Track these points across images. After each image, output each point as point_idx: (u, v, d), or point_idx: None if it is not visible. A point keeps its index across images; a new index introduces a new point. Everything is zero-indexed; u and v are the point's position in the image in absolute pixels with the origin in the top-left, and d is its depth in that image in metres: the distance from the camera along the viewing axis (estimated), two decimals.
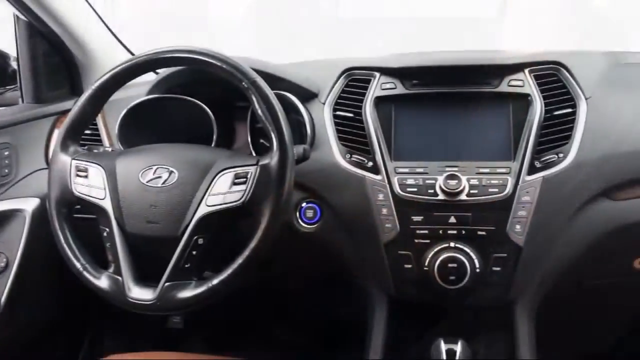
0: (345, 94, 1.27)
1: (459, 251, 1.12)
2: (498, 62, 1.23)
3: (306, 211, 1.25)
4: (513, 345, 1.18)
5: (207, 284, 1.01)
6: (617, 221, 1.17)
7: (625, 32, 1.78)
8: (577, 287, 1.34)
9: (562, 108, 1.19)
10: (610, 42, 1.68)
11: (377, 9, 2.01)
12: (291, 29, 2.05)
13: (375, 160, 1.19)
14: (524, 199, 1.12)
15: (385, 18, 2.01)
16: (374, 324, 1.22)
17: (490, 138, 1.20)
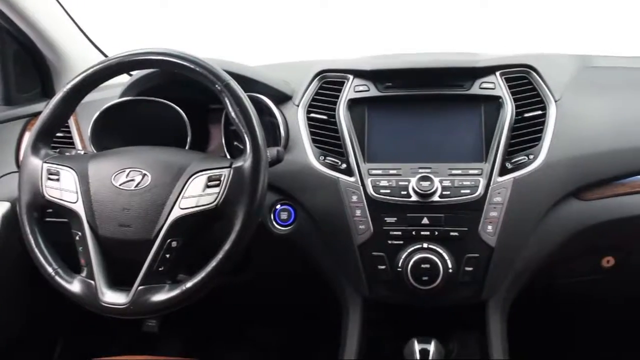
0: (319, 96, 1.28)
1: (431, 252, 1.13)
2: (470, 65, 1.24)
3: (280, 213, 1.25)
4: (486, 344, 1.19)
5: (181, 287, 1.00)
6: (586, 221, 1.19)
7: (595, 36, 1.83)
8: (548, 286, 1.37)
9: (532, 110, 1.20)
10: (581, 45, 1.71)
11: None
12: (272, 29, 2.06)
13: (349, 162, 1.19)
14: (496, 200, 1.14)
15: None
16: (349, 324, 1.23)
17: (462, 140, 1.21)
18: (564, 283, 1.37)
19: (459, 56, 1.32)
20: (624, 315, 1.61)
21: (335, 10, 2.03)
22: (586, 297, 1.48)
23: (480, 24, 1.92)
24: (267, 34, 2.02)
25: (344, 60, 1.33)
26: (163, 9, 2.14)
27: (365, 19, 2.00)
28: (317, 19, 2.03)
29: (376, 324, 1.26)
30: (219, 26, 2.09)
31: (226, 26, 2.07)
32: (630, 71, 1.35)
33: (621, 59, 1.41)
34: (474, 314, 1.21)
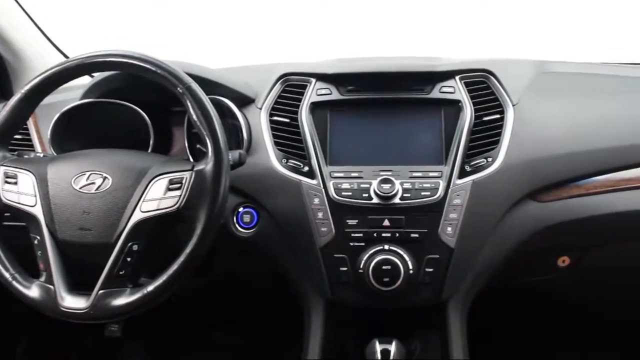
0: (282, 100, 1.28)
1: (392, 253, 1.14)
2: (430, 70, 1.26)
3: (243, 216, 1.25)
4: (446, 343, 1.21)
5: (142, 291, 1.00)
6: (542, 222, 1.22)
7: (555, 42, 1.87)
8: (507, 286, 1.39)
9: (491, 114, 1.23)
10: (538, 51, 1.75)
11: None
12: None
13: (311, 165, 1.20)
14: (455, 202, 1.16)
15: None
16: (311, 325, 1.24)
17: (423, 143, 1.23)
18: (521, 282, 1.40)
19: (420, 60, 1.34)
20: (579, 312, 1.65)
21: (299, 14, 2.04)
22: (543, 295, 1.51)
23: (443, 28, 1.95)
24: (232, 38, 2.02)
25: (307, 64, 1.34)
26: (131, 10, 2.12)
27: (329, 22, 2.01)
28: (283, 22, 2.03)
29: (339, 324, 1.27)
30: (184, 30, 2.08)
31: (191, 30, 2.06)
32: (585, 77, 1.39)
33: (577, 64, 1.45)
34: (435, 314, 1.23)
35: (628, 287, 1.46)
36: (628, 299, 1.53)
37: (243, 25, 2.05)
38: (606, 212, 1.22)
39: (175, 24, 2.09)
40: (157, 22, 2.08)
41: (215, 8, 2.09)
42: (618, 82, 1.37)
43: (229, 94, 1.29)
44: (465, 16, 1.98)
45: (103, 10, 2.10)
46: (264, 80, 1.32)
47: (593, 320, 1.69)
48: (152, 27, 2.06)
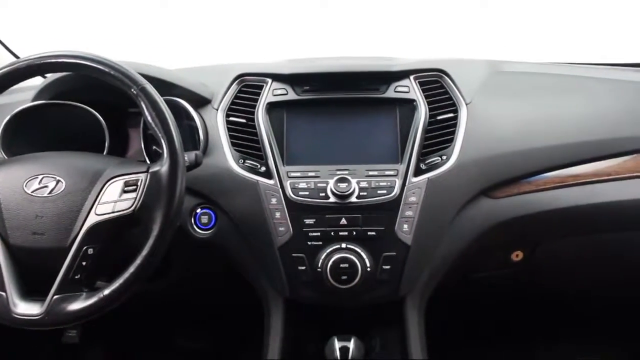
0: (238, 100, 1.28)
1: (350, 251, 1.15)
2: (385, 69, 1.28)
3: (201, 217, 1.25)
4: (405, 339, 1.23)
5: (99, 295, 0.98)
6: (496, 218, 1.25)
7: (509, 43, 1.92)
8: (463, 281, 1.42)
9: (445, 113, 1.25)
10: (492, 51, 1.78)
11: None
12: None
13: (268, 165, 1.21)
14: (411, 200, 1.17)
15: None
16: (272, 325, 1.24)
17: (378, 142, 1.24)
18: (477, 277, 1.43)
19: (375, 60, 1.35)
20: (533, 305, 1.70)
21: (255, 14, 2.04)
22: (499, 289, 1.55)
23: (399, 28, 1.97)
24: (189, 39, 2.00)
25: (263, 64, 1.34)
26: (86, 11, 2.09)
27: (285, 23, 2.02)
28: (240, 22, 2.03)
29: (299, 323, 1.28)
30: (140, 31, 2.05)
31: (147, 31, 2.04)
32: (537, 76, 1.42)
33: (529, 64, 1.48)
34: (393, 310, 1.24)
35: (579, 277, 1.50)
36: (580, 289, 1.58)
37: (199, 26, 2.04)
38: (555, 207, 1.25)
39: (132, 24, 2.07)
40: (112, 23, 2.06)
41: (170, 9, 2.07)
42: (568, 82, 1.41)
43: (185, 94, 1.28)
44: (421, 16, 2.00)
45: (55, 11, 2.06)
46: (220, 80, 1.32)
47: (549, 311, 1.74)
48: (107, 28, 2.03)
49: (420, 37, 1.92)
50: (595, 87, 1.39)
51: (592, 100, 1.35)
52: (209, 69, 1.41)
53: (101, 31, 2.04)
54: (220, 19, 2.04)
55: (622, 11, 1.94)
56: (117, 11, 2.06)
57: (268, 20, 2.03)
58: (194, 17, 2.08)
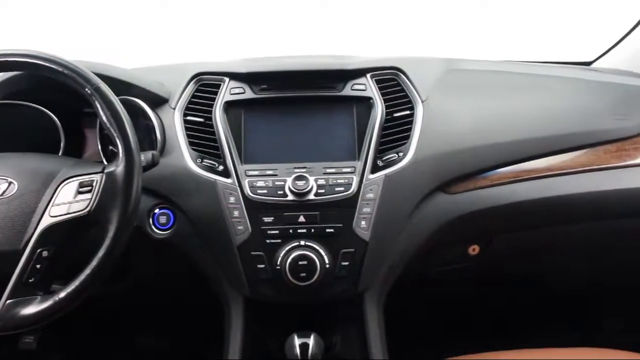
0: (196, 99, 1.28)
1: (309, 249, 1.16)
2: (341, 68, 1.29)
3: (159, 217, 1.24)
4: (364, 335, 1.24)
5: (54, 298, 0.97)
6: (452, 213, 1.27)
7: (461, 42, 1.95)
8: (422, 276, 1.44)
9: (401, 110, 1.26)
10: (449, 49, 1.81)
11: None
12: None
13: (226, 164, 1.20)
14: (368, 197, 1.18)
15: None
16: (232, 324, 1.24)
17: (336, 139, 1.25)
18: (436, 272, 1.45)
19: (332, 59, 1.36)
20: (490, 297, 1.73)
21: (213, 12, 2.03)
22: (457, 283, 1.58)
23: (357, 27, 1.99)
24: (145, 38, 1.99)
25: (220, 63, 1.34)
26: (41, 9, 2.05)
27: (242, 22, 2.02)
28: (197, 21, 2.02)
29: (260, 322, 1.28)
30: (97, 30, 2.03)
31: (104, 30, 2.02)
32: (492, 74, 1.45)
33: (484, 62, 1.50)
34: (353, 306, 1.25)
35: (533, 268, 1.54)
36: (534, 279, 1.62)
37: (155, 25, 2.02)
38: (509, 201, 1.28)
39: (89, 23, 2.04)
40: (69, 22, 2.02)
41: (127, 8, 2.05)
42: (522, 80, 1.44)
43: (142, 94, 1.27)
44: (378, 15, 2.02)
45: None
46: (177, 79, 1.31)
47: (506, 302, 1.78)
48: (63, 27, 2.00)
49: (379, 36, 1.94)
50: (548, 85, 1.42)
51: (545, 97, 1.39)
52: (166, 68, 1.40)
53: (54, 31, 2.00)
54: (178, 18, 2.03)
55: (575, 12, 2.00)
56: (71, 9, 2.03)
57: (227, 19, 2.02)
58: (152, 16, 2.06)
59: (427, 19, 2.01)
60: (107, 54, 1.73)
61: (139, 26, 2.03)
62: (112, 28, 2.04)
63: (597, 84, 1.45)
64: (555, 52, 1.78)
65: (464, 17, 2.01)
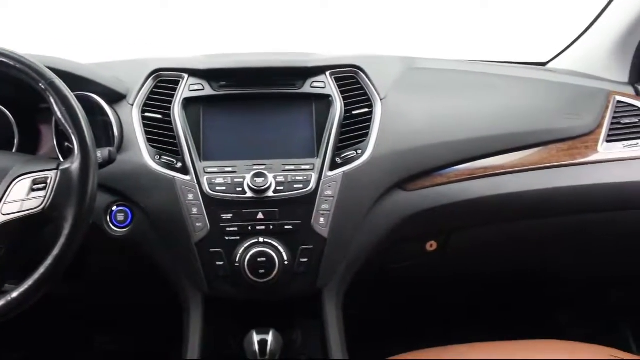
0: (154, 95, 1.27)
1: (267, 246, 1.16)
2: (301, 65, 1.29)
3: (117, 215, 1.23)
4: (324, 330, 1.25)
5: (6, 298, 0.95)
6: (410, 210, 1.29)
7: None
8: (381, 272, 1.46)
9: (360, 108, 1.28)
10: (407, 48, 1.84)
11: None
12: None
13: (185, 161, 1.20)
14: (327, 193, 1.19)
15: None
16: (191, 323, 1.23)
17: (295, 137, 1.26)
18: (394, 268, 1.47)
19: (291, 56, 1.37)
20: (446, 295, 1.77)
21: (173, 9, 2.01)
22: (415, 279, 1.60)
23: (318, 25, 2.00)
24: (103, 33, 1.96)
25: (179, 59, 1.33)
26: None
27: (202, 18, 2.01)
28: (156, 17, 2.00)
29: (219, 320, 1.28)
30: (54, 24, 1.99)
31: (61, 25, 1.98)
32: (449, 73, 1.47)
33: (442, 61, 1.52)
34: (313, 303, 1.26)
35: (489, 263, 1.57)
36: (490, 274, 1.65)
37: (113, 20, 2.00)
38: (465, 198, 1.31)
39: (45, 17, 2.00)
40: (22, 15, 1.98)
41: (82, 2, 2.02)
42: (478, 79, 1.46)
43: (99, 89, 1.25)
44: (340, 14, 2.04)
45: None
46: (136, 75, 1.29)
47: (464, 296, 1.81)
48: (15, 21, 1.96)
49: (339, 35, 1.95)
50: (503, 84, 1.45)
51: (500, 96, 1.42)
52: (124, 64, 1.38)
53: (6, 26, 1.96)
54: (137, 13, 2.01)
55: (533, 14, 2.05)
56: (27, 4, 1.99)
57: (188, 14, 2.01)
58: (113, 11, 2.03)
59: (389, 18, 2.04)
60: (65, 49, 1.70)
61: (100, 20, 2.00)
62: (72, 23, 2.00)
63: (551, 84, 1.49)
64: (513, 52, 1.82)
65: (424, 16, 2.04)
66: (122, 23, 2.01)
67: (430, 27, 2.03)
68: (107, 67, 1.36)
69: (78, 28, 1.97)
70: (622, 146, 1.40)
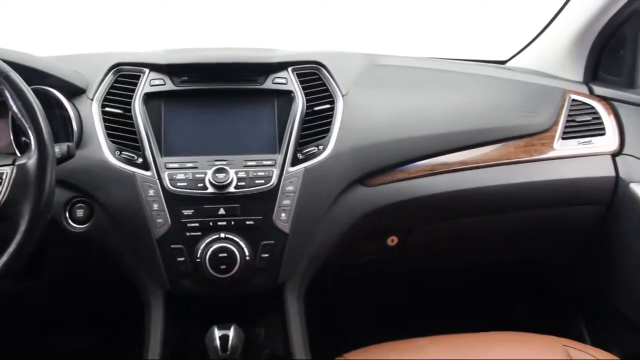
0: (114, 90, 1.25)
1: (229, 241, 1.16)
2: (263, 61, 1.30)
3: (76, 211, 1.21)
4: (285, 325, 1.26)
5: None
6: (371, 205, 1.30)
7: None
8: (343, 267, 1.47)
9: (322, 104, 1.28)
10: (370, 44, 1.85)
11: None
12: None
13: (145, 156, 1.19)
14: (288, 189, 1.20)
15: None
16: (152, 320, 1.22)
17: (257, 132, 1.26)
18: (356, 263, 1.49)
19: (253, 52, 1.37)
20: (409, 288, 1.79)
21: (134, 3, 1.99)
22: (377, 274, 1.62)
23: (282, 21, 2.00)
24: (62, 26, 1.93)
25: (140, 53, 1.32)
26: None
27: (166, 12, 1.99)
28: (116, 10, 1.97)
29: (181, 316, 1.27)
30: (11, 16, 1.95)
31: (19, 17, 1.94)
32: (411, 70, 1.49)
33: (404, 58, 1.54)
34: (274, 298, 1.26)
35: (450, 258, 1.60)
36: (452, 269, 1.68)
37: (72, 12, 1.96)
38: (426, 194, 1.33)
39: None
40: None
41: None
42: (440, 76, 1.48)
43: (57, 83, 1.23)
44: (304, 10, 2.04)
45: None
46: (96, 69, 1.28)
47: (425, 290, 1.84)
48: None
49: (301, 31, 1.96)
50: (464, 82, 1.48)
51: (461, 93, 1.44)
52: (84, 58, 1.37)
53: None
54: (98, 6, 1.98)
55: (492, 13, 2.08)
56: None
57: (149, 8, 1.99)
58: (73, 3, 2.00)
59: (352, 15, 2.05)
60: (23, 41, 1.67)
61: (60, 12, 1.97)
62: (30, 14, 1.96)
63: (510, 82, 1.52)
64: (474, 50, 1.85)
65: (387, 13, 2.06)
66: (84, 14, 1.98)
67: (393, 24, 2.05)
68: (66, 60, 1.34)
69: (36, 20, 1.93)
70: (576, 143, 1.44)
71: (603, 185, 1.44)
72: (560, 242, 1.60)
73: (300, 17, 2.02)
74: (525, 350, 1.20)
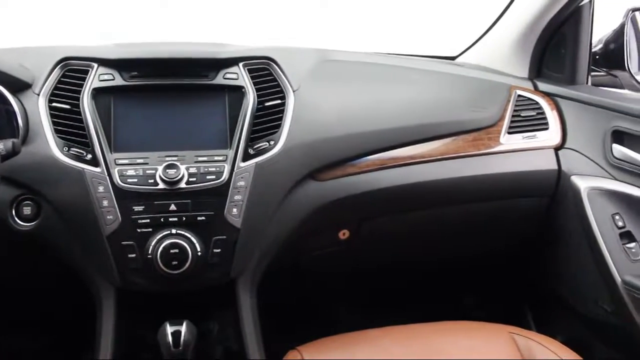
0: (62, 85, 1.23)
1: (180, 237, 1.16)
2: (213, 56, 1.29)
3: (23, 209, 1.19)
4: (238, 319, 1.27)
5: None
6: (322, 199, 1.32)
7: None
8: (295, 261, 1.49)
9: (273, 99, 1.29)
10: (321, 40, 1.87)
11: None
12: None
13: (94, 152, 1.18)
14: (239, 184, 1.20)
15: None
16: (103, 317, 1.22)
17: (208, 128, 1.26)
18: (308, 257, 1.51)
19: (204, 47, 1.36)
20: (362, 281, 1.82)
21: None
22: (329, 267, 1.64)
23: (231, 16, 2.00)
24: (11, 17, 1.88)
25: (89, 48, 1.30)
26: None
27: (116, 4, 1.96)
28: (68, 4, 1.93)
29: (133, 313, 1.27)
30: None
31: None
32: (362, 65, 1.50)
33: (355, 54, 1.55)
34: (227, 293, 1.27)
35: (400, 250, 1.63)
36: (401, 262, 1.71)
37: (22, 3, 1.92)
38: (375, 187, 1.35)
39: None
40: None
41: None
42: (390, 71, 1.51)
43: (1, 77, 1.20)
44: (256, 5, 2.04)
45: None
46: (42, 63, 1.25)
47: (376, 282, 1.87)
48: None
49: (252, 25, 1.96)
50: (413, 77, 1.51)
51: (410, 89, 1.47)
52: (30, 51, 1.33)
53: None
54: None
55: (443, 9, 2.12)
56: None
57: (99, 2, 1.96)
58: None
59: (304, 11, 2.06)
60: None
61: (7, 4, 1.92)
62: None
63: (459, 77, 1.56)
64: (424, 46, 1.88)
65: (339, 8, 2.07)
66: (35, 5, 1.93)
67: (344, 19, 2.07)
68: (11, 53, 1.31)
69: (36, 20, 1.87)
70: (521, 137, 1.49)
71: (546, 178, 1.49)
72: (508, 233, 1.65)
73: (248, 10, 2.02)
74: (474, 338, 1.24)
